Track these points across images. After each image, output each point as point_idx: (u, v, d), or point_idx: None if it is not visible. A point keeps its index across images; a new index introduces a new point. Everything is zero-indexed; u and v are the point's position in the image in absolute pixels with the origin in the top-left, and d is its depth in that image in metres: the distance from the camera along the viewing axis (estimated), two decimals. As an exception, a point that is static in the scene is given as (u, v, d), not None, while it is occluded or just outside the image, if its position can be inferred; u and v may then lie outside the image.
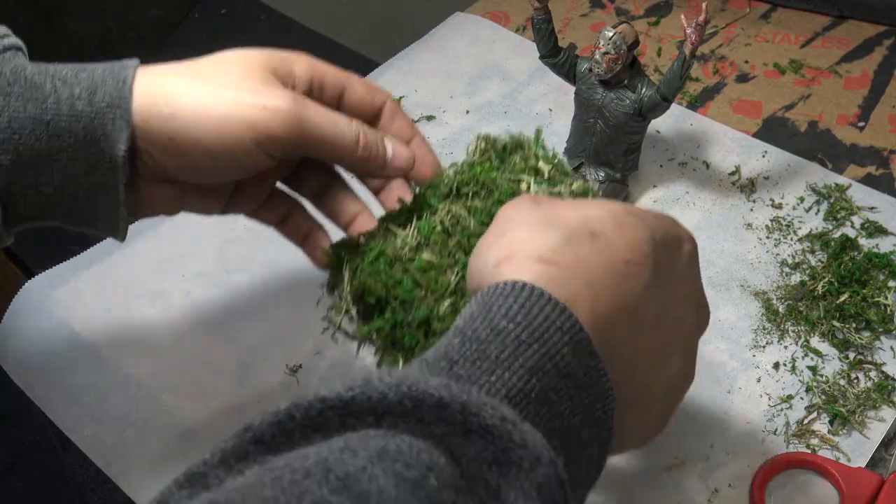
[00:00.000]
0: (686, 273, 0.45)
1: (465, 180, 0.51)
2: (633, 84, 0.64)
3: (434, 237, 0.50)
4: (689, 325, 0.45)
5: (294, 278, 0.67)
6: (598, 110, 0.66)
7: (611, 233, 0.41)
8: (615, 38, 0.62)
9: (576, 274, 0.39)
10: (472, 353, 0.36)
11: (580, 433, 0.37)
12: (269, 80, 0.48)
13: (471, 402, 0.33)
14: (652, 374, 0.43)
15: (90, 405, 0.60)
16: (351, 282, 0.50)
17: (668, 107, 0.64)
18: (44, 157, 0.46)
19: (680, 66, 0.62)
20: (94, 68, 0.47)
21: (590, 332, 0.38)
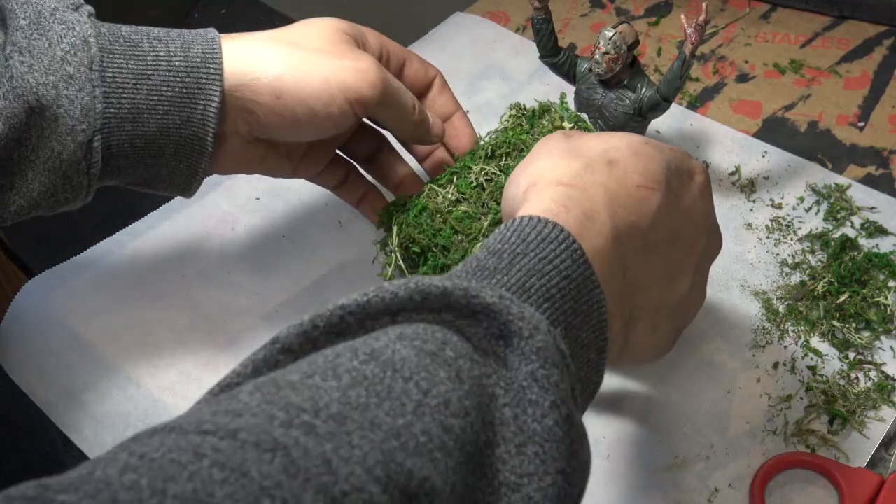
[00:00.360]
0: (698, 201, 0.48)
1: (498, 143, 0.59)
2: (633, 84, 0.64)
3: (470, 192, 0.58)
4: (700, 249, 0.49)
5: (294, 278, 0.67)
6: (598, 110, 0.66)
7: (627, 160, 0.45)
8: (615, 38, 0.62)
9: (594, 195, 0.43)
10: (472, 269, 0.40)
11: (580, 333, 0.41)
12: (354, 47, 0.55)
13: (471, 287, 0.37)
14: (663, 290, 0.47)
15: (90, 405, 0.60)
16: (398, 235, 0.58)
17: (668, 107, 0.64)
18: (143, 109, 0.51)
19: (680, 67, 0.61)
20: (180, 31, 0.53)
21: (608, 248, 0.42)
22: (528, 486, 0.35)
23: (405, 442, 0.31)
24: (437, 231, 0.57)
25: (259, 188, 0.73)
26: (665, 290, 0.47)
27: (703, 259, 0.50)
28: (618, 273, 0.43)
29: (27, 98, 0.48)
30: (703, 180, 0.49)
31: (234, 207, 0.72)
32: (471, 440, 0.34)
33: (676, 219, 0.46)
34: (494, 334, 0.37)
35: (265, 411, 0.31)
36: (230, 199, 0.73)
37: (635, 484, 0.55)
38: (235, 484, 0.27)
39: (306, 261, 0.68)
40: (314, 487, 0.28)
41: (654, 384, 0.59)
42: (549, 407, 0.36)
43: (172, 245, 0.69)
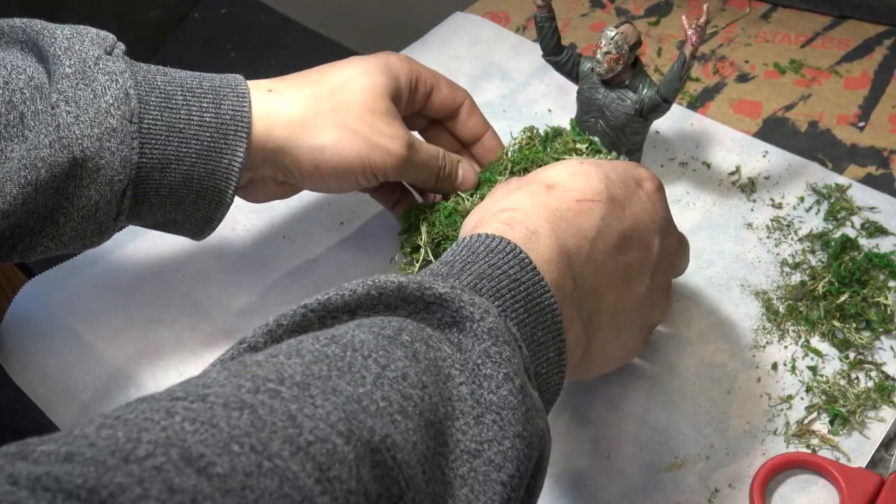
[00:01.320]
0: (647, 205, 0.51)
1: (517, 160, 0.64)
2: (635, 84, 0.64)
3: None
4: (655, 250, 0.51)
5: (294, 278, 0.67)
6: (600, 110, 0.66)
7: (565, 181, 0.49)
8: (617, 37, 0.62)
9: (535, 214, 0.46)
10: (425, 277, 0.42)
11: (535, 331, 0.43)
12: (390, 112, 0.59)
13: (424, 280, 0.40)
14: (619, 293, 0.49)
15: (90, 405, 0.60)
16: (430, 233, 0.61)
17: (669, 108, 0.64)
18: (171, 160, 0.53)
19: (680, 68, 0.61)
20: (211, 81, 0.55)
21: (555, 257, 0.45)
22: (489, 450, 0.37)
23: (366, 406, 0.34)
24: None
25: (259, 188, 0.73)
26: (621, 293, 0.49)
27: (661, 260, 0.52)
28: (568, 281, 0.46)
29: (72, 149, 0.50)
30: (653, 187, 0.52)
31: (235, 207, 0.72)
32: (429, 409, 0.36)
33: (624, 225, 0.49)
34: (448, 322, 0.40)
35: (233, 382, 0.33)
36: (230, 199, 0.73)
37: (635, 484, 0.55)
38: (206, 433, 0.30)
39: (306, 261, 0.68)
40: (280, 438, 0.31)
41: (654, 384, 0.59)
42: (503, 379, 0.38)
43: (172, 245, 0.69)
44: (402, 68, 0.61)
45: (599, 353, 0.50)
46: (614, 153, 0.65)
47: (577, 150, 0.65)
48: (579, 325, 0.47)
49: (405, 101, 0.62)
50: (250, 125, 0.55)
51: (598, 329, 0.49)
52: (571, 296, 0.46)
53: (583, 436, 0.57)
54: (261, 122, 0.55)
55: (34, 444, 0.28)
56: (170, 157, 0.53)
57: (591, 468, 0.55)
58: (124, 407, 0.31)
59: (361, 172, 0.58)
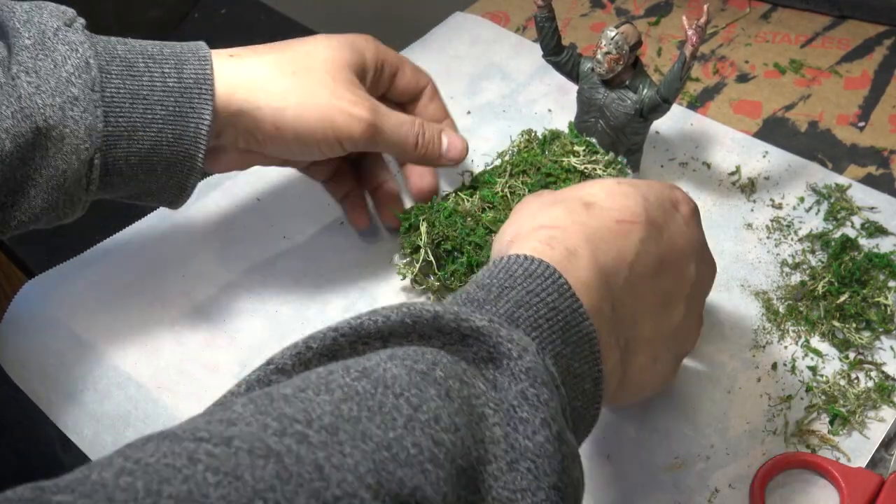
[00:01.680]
0: (684, 229, 0.49)
1: (516, 163, 0.65)
2: (635, 85, 0.64)
3: (497, 201, 0.63)
4: (691, 276, 0.49)
5: (294, 278, 0.67)
6: (600, 110, 0.66)
7: (603, 200, 0.47)
8: (617, 38, 0.62)
9: (575, 233, 0.45)
10: (461, 301, 0.41)
11: (571, 363, 0.41)
12: (353, 83, 0.58)
13: (461, 311, 0.38)
14: (657, 320, 0.47)
15: (90, 405, 0.60)
16: (430, 233, 0.61)
17: (669, 108, 0.64)
18: (138, 127, 0.53)
19: (680, 68, 0.61)
20: (172, 48, 0.55)
21: (594, 280, 0.43)
22: (522, 501, 0.35)
23: (396, 453, 0.32)
24: (471, 230, 0.61)
25: (259, 189, 0.73)
26: (659, 320, 0.48)
27: (695, 286, 0.50)
28: (606, 306, 0.44)
29: (35, 118, 0.50)
30: (689, 210, 0.50)
31: (235, 207, 0.72)
32: (461, 454, 0.34)
33: (662, 249, 0.47)
34: (484, 357, 0.38)
35: (259, 421, 0.31)
36: (230, 200, 0.73)
37: (635, 484, 0.55)
38: (229, 486, 0.28)
39: (306, 261, 0.68)
40: (307, 492, 0.29)
41: (655, 384, 0.59)
42: (540, 424, 0.36)
43: (172, 245, 0.69)
44: (369, 48, 0.61)
45: (635, 382, 0.48)
46: (612, 154, 0.65)
47: (574, 153, 0.65)
48: (616, 353, 0.45)
49: (370, 81, 0.62)
50: (213, 88, 0.54)
51: (635, 357, 0.47)
52: (609, 321, 0.44)
53: (583, 436, 0.57)
54: (223, 86, 0.55)
55: (50, 492, 0.27)
56: (136, 124, 0.53)
57: (592, 468, 0.55)
58: (146, 443, 0.30)
59: (324, 137, 0.57)
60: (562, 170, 0.64)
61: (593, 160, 0.64)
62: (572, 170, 0.64)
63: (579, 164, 0.64)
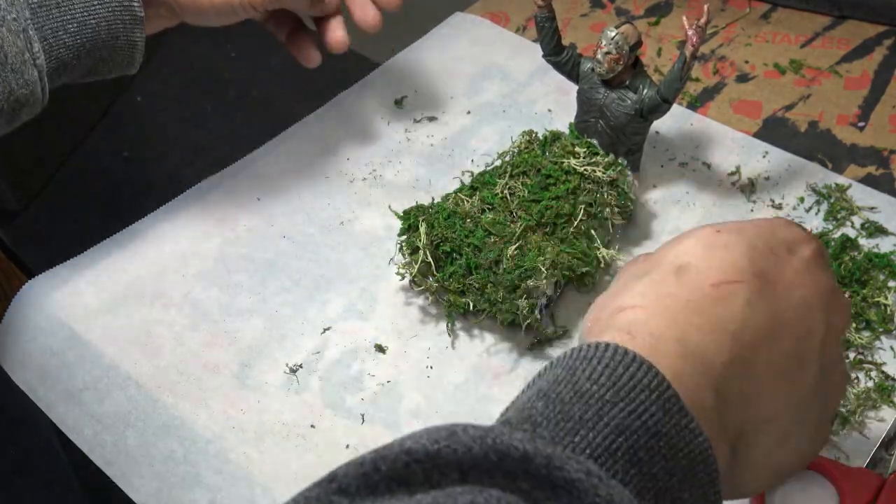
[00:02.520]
0: (804, 276, 0.41)
1: (516, 164, 0.65)
2: (635, 85, 0.64)
3: (496, 202, 0.63)
4: (819, 332, 0.41)
5: (294, 278, 0.67)
6: (600, 110, 0.66)
7: (699, 260, 0.40)
8: (617, 38, 0.62)
9: (658, 313, 0.38)
10: (555, 414, 0.35)
11: (680, 495, 0.35)
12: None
13: (555, 455, 0.32)
14: (780, 391, 0.40)
15: (90, 405, 0.60)
16: (428, 234, 0.61)
17: (669, 108, 0.64)
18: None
19: (681, 68, 0.61)
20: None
21: (687, 368, 0.37)
22: None
23: None
24: (470, 232, 0.61)
25: (260, 189, 0.73)
26: (781, 392, 0.40)
27: (828, 336, 0.42)
28: (707, 394, 0.37)
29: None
30: (812, 250, 0.43)
31: (235, 207, 0.72)
32: None
33: (778, 306, 0.40)
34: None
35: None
36: (230, 200, 0.73)
37: (635, 484, 0.55)
38: None
39: (306, 261, 0.68)
40: None
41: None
42: None
43: (172, 245, 0.69)
44: None
45: (761, 469, 0.41)
46: (612, 156, 0.65)
47: (574, 154, 0.65)
48: (724, 448, 0.38)
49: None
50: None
51: (755, 444, 0.40)
52: (712, 412, 0.37)
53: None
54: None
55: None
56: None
57: (592, 468, 0.55)
58: None
59: (230, 8, 0.63)
60: (562, 171, 0.64)
61: (593, 161, 0.64)
62: (572, 171, 0.64)
63: (579, 165, 0.64)
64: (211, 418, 0.59)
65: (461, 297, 0.61)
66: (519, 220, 0.62)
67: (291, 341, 0.63)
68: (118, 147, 0.81)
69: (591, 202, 0.63)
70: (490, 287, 0.59)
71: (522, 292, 0.59)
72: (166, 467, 0.56)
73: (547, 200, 0.62)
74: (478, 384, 0.60)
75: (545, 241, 0.61)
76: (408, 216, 0.63)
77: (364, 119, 0.80)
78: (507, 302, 0.59)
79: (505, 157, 0.67)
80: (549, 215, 0.62)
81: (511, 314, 0.59)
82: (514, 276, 0.58)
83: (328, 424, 0.58)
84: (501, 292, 0.59)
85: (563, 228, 0.62)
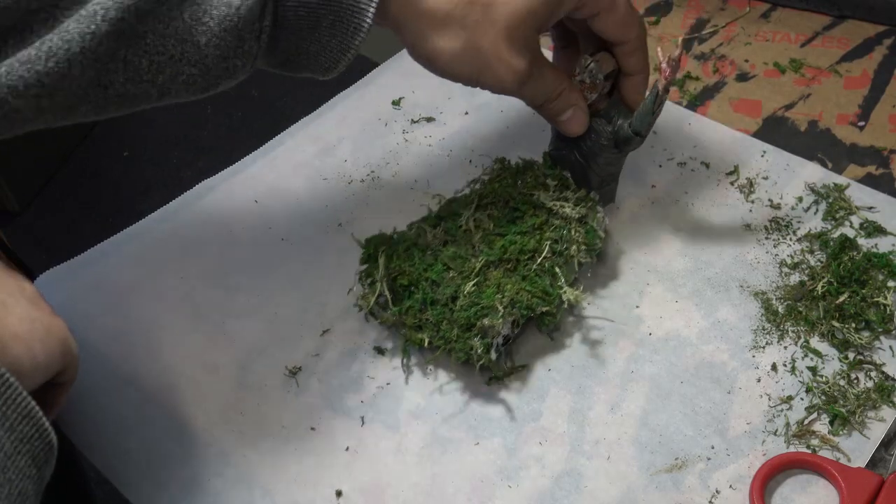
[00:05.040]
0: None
1: (485, 194, 0.63)
2: (610, 115, 0.62)
3: (459, 235, 0.61)
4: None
5: (293, 280, 0.67)
6: (574, 140, 0.63)
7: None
8: (592, 66, 0.60)
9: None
10: None
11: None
12: (525, 45, 0.56)
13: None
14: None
15: (90, 409, 0.60)
16: (386, 267, 0.59)
17: (642, 142, 0.62)
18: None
19: (653, 102, 0.59)
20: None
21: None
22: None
23: None
24: (429, 266, 0.59)
25: (258, 191, 0.73)
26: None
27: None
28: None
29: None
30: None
31: (234, 209, 0.72)
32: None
33: None
34: None
35: None
36: (229, 202, 0.73)
37: (636, 485, 0.55)
38: None
39: (305, 263, 0.68)
40: None
41: (654, 385, 0.59)
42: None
43: (172, 247, 0.69)
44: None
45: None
46: (583, 190, 0.63)
47: (545, 186, 0.63)
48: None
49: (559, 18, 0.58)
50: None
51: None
52: None
53: (583, 437, 0.57)
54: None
55: None
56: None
57: (592, 469, 0.55)
58: None
59: (468, 82, 0.57)
60: (530, 205, 0.62)
61: (563, 196, 0.62)
62: (540, 205, 0.62)
63: (548, 200, 0.62)
64: (210, 421, 0.59)
65: (417, 332, 0.59)
66: (481, 254, 0.60)
67: (291, 343, 0.63)
68: (118, 147, 0.81)
69: (558, 239, 0.61)
70: (445, 324, 0.57)
71: (477, 331, 0.57)
72: (166, 470, 0.56)
73: (512, 235, 0.60)
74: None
75: (505, 278, 0.58)
76: (369, 245, 0.61)
77: (362, 120, 0.80)
78: (461, 340, 0.57)
79: (475, 184, 0.65)
80: (512, 251, 0.59)
81: (465, 353, 0.57)
82: (470, 313, 0.57)
83: (328, 426, 0.58)
84: (456, 330, 0.57)
85: (525, 265, 0.59)
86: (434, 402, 0.59)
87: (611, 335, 0.62)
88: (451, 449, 0.57)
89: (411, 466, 0.56)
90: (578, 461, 0.56)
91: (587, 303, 0.63)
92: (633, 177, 0.73)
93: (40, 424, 0.40)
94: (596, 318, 0.63)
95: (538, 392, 0.59)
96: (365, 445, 0.57)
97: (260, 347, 0.63)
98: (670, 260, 0.67)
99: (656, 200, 0.71)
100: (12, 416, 0.40)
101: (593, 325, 0.63)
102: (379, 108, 0.81)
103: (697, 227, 0.69)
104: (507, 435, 0.57)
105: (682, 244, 0.68)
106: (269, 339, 0.63)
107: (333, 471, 0.56)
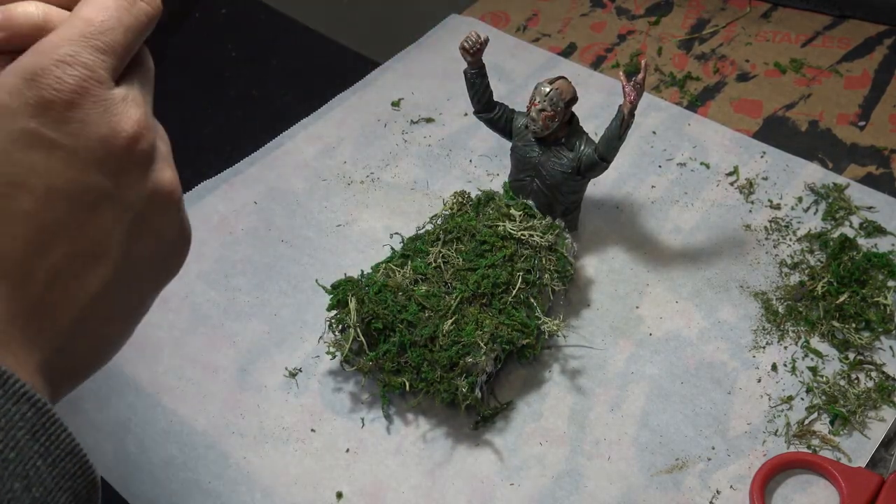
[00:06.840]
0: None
1: (449, 229, 0.62)
2: (572, 142, 0.61)
3: (429, 272, 0.59)
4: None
5: (293, 281, 0.67)
6: (535, 168, 0.63)
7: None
8: (552, 94, 0.59)
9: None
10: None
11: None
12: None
13: None
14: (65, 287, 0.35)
15: (90, 412, 0.60)
16: (359, 311, 0.57)
17: (607, 167, 0.61)
18: None
19: (618, 126, 0.59)
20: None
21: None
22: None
23: None
24: (403, 307, 0.57)
25: (257, 192, 0.73)
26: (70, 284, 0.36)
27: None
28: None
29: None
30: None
31: (233, 211, 0.72)
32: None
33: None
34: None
35: None
36: (228, 203, 0.73)
37: (636, 485, 0.55)
38: None
39: (304, 264, 0.68)
40: None
41: (654, 385, 0.59)
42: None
43: (172, 247, 0.69)
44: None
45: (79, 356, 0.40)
46: (549, 218, 0.62)
47: (510, 217, 0.61)
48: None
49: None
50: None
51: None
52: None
53: (583, 437, 0.57)
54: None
55: None
56: None
57: (592, 470, 0.55)
58: None
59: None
60: (497, 237, 0.60)
61: (530, 225, 0.61)
62: (508, 237, 0.61)
63: (515, 230, 0.60)
64: (210, 423, 0.59)
65: (396, 376, 0.57)
66: (454, 291, 0.58)
67: (290, 345, 0.63)
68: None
69: (530, 269, 0.59)
70: (426, 366, 0.56)
71: (461, 370, 0.55)
72: (166, 473, 0.56)
73: (483, 269, 0.59)
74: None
75: (483, 314, 0.57)
76: (336, 290, 0.59)
77: (361, 121, 0.80)
78: (444, 381, 0.55)
79: (437, 219, 0.64)
80: (485, 285, 0.58)
81: (450, 394, 0.56)
82: (452, 352, 0.55)
83: (328, 428, 0.58)
84: (439, 371, 0.55)
85: (500, 298, 0.58)
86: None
87: (610, 337, 0.62)
88: (451, 450, 0.57)
89: (411, 468, 0.56)
90: (579, 461, 0.56)
91: (563, 333, 0.62)
92: (633, 177, 0.73)
93: (84, 461, 0.38)
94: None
95: (538, 395, 0.59)
96: (365, 447, 0.57)
97: (260, 349, 0.63)
98: (670, 260, 0.67)
99: (656, 200, 0.71)
100: (55, 452, 0.37)
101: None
102: (378, 109, 0.81)
103: (697, 228, 0.69)
104: (508, 435, 0.57)
105: (682, 244, 0.68)
106: (269, 340, 0.63)
107: (334, 472, 0.56)
